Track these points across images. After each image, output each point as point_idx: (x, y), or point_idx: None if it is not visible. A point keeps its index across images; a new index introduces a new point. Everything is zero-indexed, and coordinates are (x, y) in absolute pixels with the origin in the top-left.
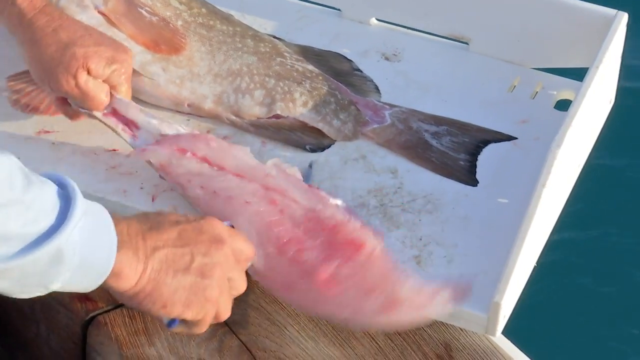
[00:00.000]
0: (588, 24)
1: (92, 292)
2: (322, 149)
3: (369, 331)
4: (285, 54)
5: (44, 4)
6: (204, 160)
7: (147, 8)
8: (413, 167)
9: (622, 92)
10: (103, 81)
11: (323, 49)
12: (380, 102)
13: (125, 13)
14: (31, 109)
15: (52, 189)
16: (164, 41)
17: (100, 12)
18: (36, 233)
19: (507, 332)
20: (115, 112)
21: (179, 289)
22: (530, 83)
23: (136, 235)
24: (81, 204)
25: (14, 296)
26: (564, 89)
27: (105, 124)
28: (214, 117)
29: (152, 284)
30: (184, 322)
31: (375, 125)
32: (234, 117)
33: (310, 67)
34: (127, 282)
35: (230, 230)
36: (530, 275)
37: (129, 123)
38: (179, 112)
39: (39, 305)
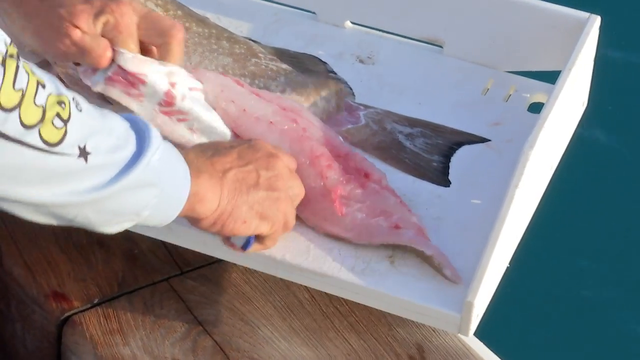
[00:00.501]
0: (561, 27)
1: (68, 291)
2: None
3: (343, 333)
4: (260, 54)
5: None
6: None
7: None
8: (387, 168)
9: (595, 95)
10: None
11: (298, 51)
12: (355, 103)
13: None
14: None
15: (120, 120)
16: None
17: None
18: (124, 159)
19: (479, 334)
20: (121, 72)
21: (254, 204)
22: (504, 86)
23: (205, 160)
24: (155, 134)
25: (104, 229)
26: (537, 91)
27: (111, 99)
28: None
29: (231, 204)
30: (256, 240)
31: (350, 126)
32: None
33: (285, 65)
34: (211, 205)
35: (275, 147)
36: (503, 276)
37: (136, 81)
38: None
39: (14, 304)
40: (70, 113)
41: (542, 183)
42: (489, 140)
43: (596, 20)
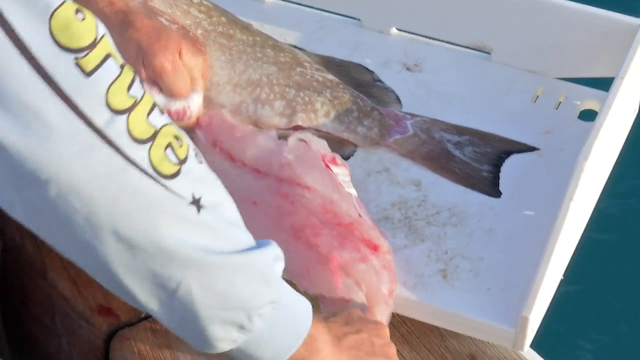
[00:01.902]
0: (612, 33)
1: (115, 305)
2: (346, 159)
3: (396, 345)
4: (306, 63)
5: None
6: (228, 154)
7: (166, 16)
8: (437, 179)
9: None
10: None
11: (344, 59)
12: (401, 112)
13: None
14: None
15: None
16: None
17: None
18: (243, 242)
19: (534, 345)
20: (186, 110)
21: None
22: (554, 93)
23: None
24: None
25: (206, 325)
26: (587, 98)
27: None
28: None
29: None
30: None
31: (398, 136)
32: (252, 128)
33: (330, 76)
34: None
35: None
36: (557, 288)
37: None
38: None
39: (59, 319)
40: (187, 155)
41: (595, 193)
42: (538, 149)
43: None
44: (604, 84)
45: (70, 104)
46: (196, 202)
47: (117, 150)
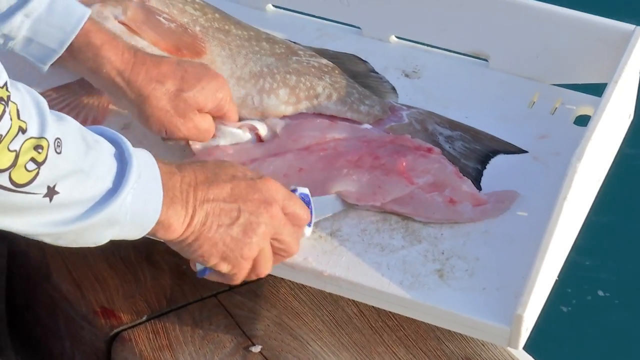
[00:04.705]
0: (606, 39)
1: (117, 307)
2: None
3: (392, 347)
4: (300, 52)
5: (131, 53)
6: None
7: (165, 15)
8: None
9: None
10: (211, 111)
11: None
12: (398, 103)
13: (144, 21)
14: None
15: (107, 151)
16: (185, 46)
17: (120, 22)
18: (94, 198)
19: (528, 348)
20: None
21: (219, 242)
22: (550, 99)
23: (188, 187)
24: (136, 167)
25: (60, 245)
26: (583, 104)
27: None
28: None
29: (195, 235)
30: (218, 271)
31: (393, 123)
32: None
33: (325, 61)
34: (174, 233)
35: (287, 194)
36: (552, 290)
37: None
38: None
39: (63, 321)
40: (46, 156)
41: (590, 195)
42: (527, 152)
43: None
44: (600, 90)
45: None
46: (51, 191)
47: None
